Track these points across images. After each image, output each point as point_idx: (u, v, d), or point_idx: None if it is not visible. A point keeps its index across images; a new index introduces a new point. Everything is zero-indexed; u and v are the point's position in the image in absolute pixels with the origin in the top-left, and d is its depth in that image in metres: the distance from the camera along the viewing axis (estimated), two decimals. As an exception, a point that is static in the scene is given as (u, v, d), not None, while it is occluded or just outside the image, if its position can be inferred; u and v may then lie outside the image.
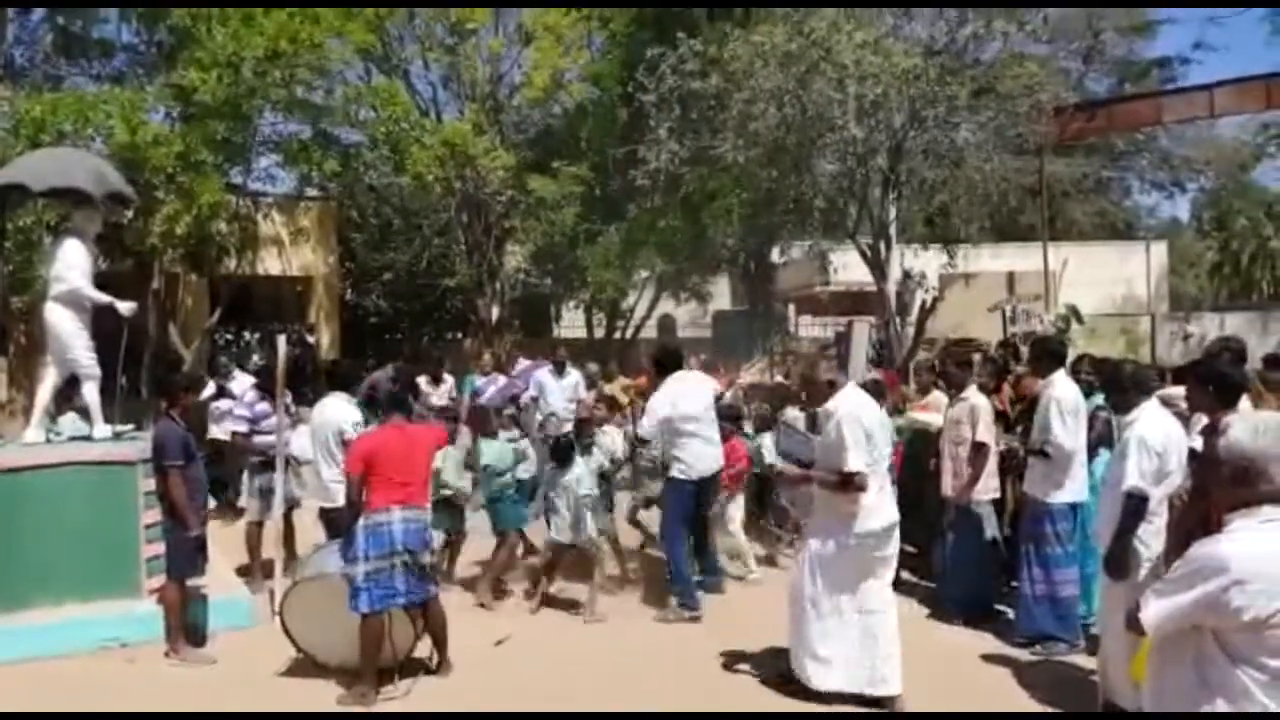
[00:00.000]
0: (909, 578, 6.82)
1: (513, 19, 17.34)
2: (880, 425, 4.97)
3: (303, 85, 14.12)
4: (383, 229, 19.59)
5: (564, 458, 6.73)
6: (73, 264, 6.49)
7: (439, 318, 20.63)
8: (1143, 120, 19.03)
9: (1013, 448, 6.31)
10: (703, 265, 19.43)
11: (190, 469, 5.84)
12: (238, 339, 17.18)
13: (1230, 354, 5.69)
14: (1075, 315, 14.02)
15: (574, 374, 10.88)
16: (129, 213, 10.99)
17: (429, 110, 17.38)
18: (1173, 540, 4.24)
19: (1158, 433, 4.53)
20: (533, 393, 10.52)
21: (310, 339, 17.18)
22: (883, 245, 13.20)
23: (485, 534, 7.18)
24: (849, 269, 16.76)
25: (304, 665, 5.48)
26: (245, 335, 17.26)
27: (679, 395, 6.57)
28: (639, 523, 7.88)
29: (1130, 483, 4.42)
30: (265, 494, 7.12)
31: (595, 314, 19.96)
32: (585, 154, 16.19)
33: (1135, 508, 4.42)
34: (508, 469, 7.02)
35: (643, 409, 7.22)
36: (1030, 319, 13.90)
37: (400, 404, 5.61)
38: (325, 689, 5.20)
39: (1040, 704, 5.00)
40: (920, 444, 7.24)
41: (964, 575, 6.29)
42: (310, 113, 14.76)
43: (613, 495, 7.53)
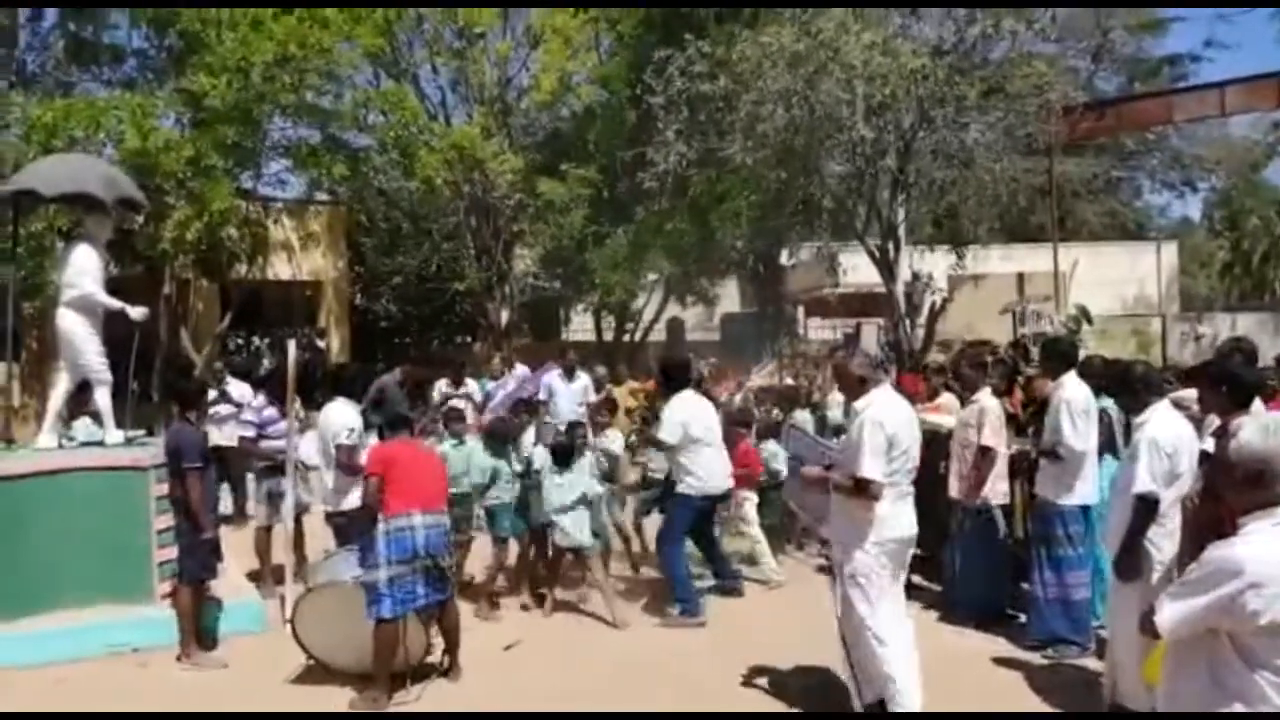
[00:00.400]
0: (919, 581, 6.78)
1: (521, 22, 17.40)
2: (908, 432, 4.62)
3: (312, 90, 14.19)
4: (392, 233, 19.64)
5: (562, 459, 6.74)
6: (84, 269, 6.52)
7: (448, 322, 20.67)
8: (1153, 119, 18.93)
9: (1024, 450, 6.28)
10: (711, 267, 19.41)
11: (206, 472, 5.91)
12: (248, 344, 17.25)
13: (1242, 355, 5.66)
14: (1085, 316, 13.93)
15: (583, 377, 10.88)
16: (140, 218, 11.09)
17: (438, 114, 17.42)
18: (1186, 543, 4.22)
19: (1169, 434, 4.50)
20: (542, 396, 10.52)
21: (320, 343, 17.24)
22: (892, 246, 13.15)
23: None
24: (858, 270, 16.68)
25: (315, 671, 5.49)
26: (255, 340, 17.33)
27: (691, 415, 6.62)
28: (640, 527, 7.86)
29: (1141, 485, 4.39)
30: (273, 499, 7.13)
31: (604, 317, 19.97)
32: (593, 157, 16.21)
33: (1146, 510, 4.39)
34: (482, 483, 6.94)
35: (653, 414, 7.24)
36: (1040, 320, 13.83)
37: (402, 423, 5.66)
38: (336, 694, 5.20)
39: (1052, 708, 4.97)
40: (930, 446, 7.19)
41: (974, 579, 6.27)
42: (319, 117, 14.82)
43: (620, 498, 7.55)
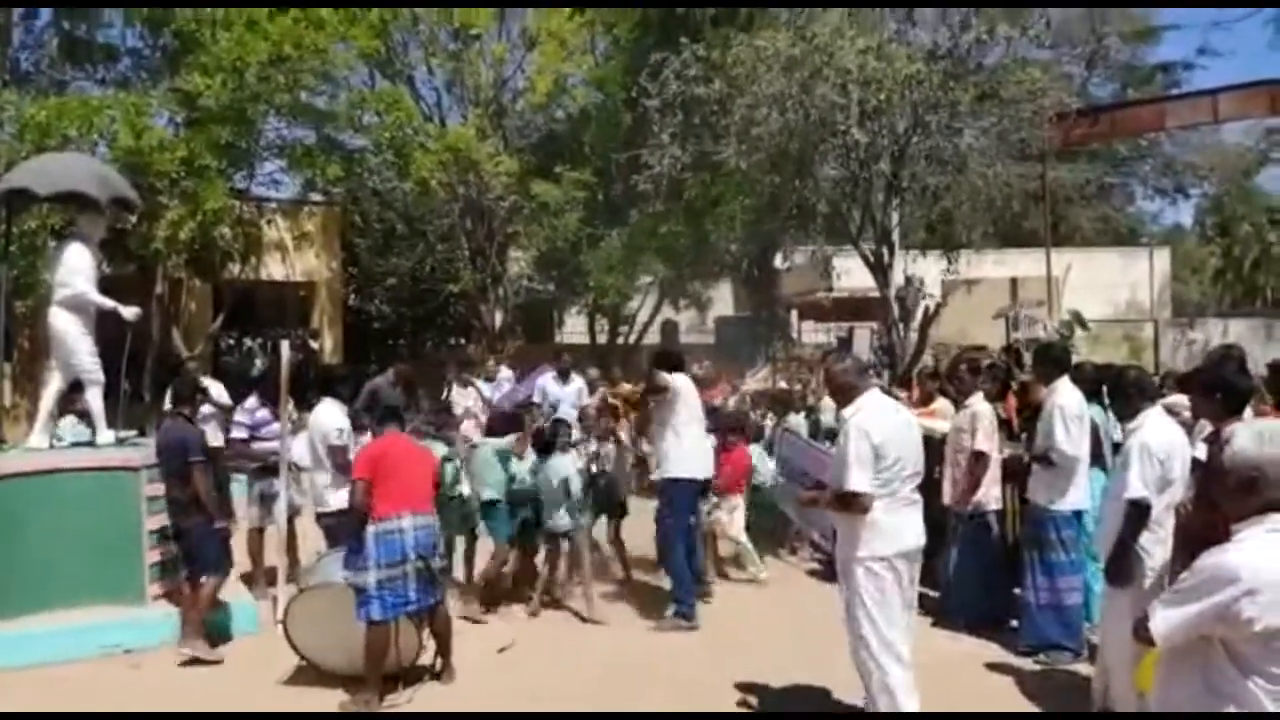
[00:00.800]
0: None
1: (516, 24, 17.40)
2: (902, 438, 4.45)
3: (307, 90, 14.16)
4: (386, 234, 19.60)
5: (544, 449, 6.87)
6: (77, 269, 6.51)
7: (442, 323, 20.63)
8: (1146, 126, 19.03)
9: (1016, 454, 6.30)
10: (705, 270, 19.43)
11: (209, 466, 6.02)
12: (239, 344, 17.19)
13: (1235, 362, 5.68)
14: (1079, 321, 13.99)
15: (578, 380, 10.89)
16: (133, 218, 11.01)
17: (433, 115, 17.41)
18: (1178, 551, 4.23)
19: (1161, 440, 4.51)
20: (536, 399, 10.52)
21: (313, 344, 17.19)
22: (885, 251, 13.18)
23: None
24: (852, 274, 16.70)
25: (307, 672, 5.47)
26: (248, 341, 17.27)
27: (686, 391, 6.63)
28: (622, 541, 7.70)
29: (1133, 492, 4.40)
30: (266, 500, 7.12)
31: (598, 319, 19.96)
32: (588, 159, 16.22)
33: (1138, 516, 4.40)
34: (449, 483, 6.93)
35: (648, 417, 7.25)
36: (1033, 325, 13.88)
37: (393, 416, 5.66)
38: (328, 696, 5.19)
39: (1044, 713, 4.98)
40: (925, 451, 7.20)
41: (968, 584, 6.28)
42: (314, 118, 14.78)
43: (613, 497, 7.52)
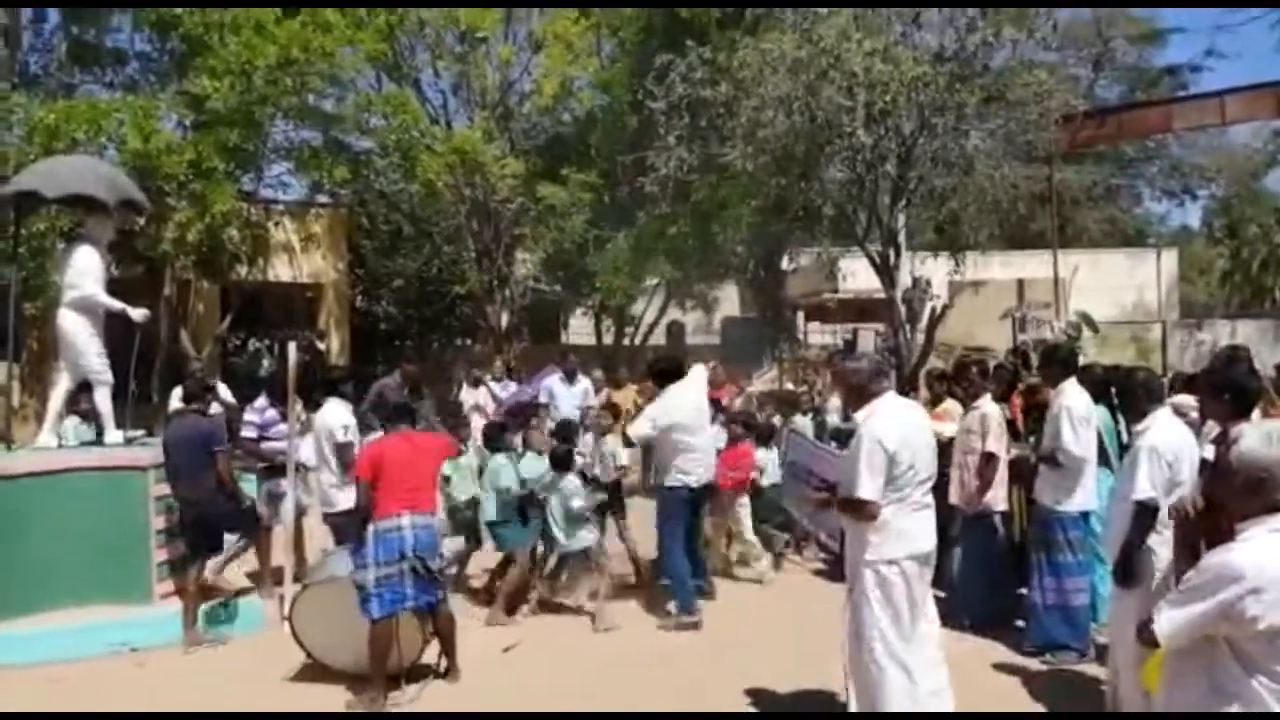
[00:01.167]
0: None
1: (523, 27, 17.43)
2: (916, 441, 4.32)
3: (314, 93, 14.21)
4: (393, 236, 19.66)
5: (561, 464, 6.75)
6: (85, 270, 6.55)
7: (448, 324, 20.67)
8: (1153, 127, 19.00)
9: (1023, 455, 6.29)
10: (711, 272, 19.44)
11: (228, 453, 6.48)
12: (244, 345, 17.24)
13: (1245, 363, 5.66)
14: (1088, 323, 13.93)
15: (584, 381, 10.90)
16: (141, 220, 11.07)
17: (439, 118, 17.45)
18: (1179, 549, 4.21)
19: (1169, 442, 4.50)
20: (543, 400, 10.53)
21: (320, 346, 17.23)
22: (892, 253, 13.18)
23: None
24: (858, 276, 16.73)
25: (313, 670, 5.49)
26: (255, 342, 17.32)
27: (677, 406, 6.58)
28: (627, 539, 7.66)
29: (1141, 493, 4.39)
30: (274, 500, 7.14)
31: (604, 321, 19.98)
32: (595, 161, 16.24)
33: (1146, 517, 4.39)
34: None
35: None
36: (1040, 326, 13.85)
37: (405, 413, 5.67)
38: (334, 694, 5.21)
39: (1050, 713, 4.97)
40: (933, 453, 7.21)
41: (974, 585, 6.27)
42: (321, 120, 14.84)
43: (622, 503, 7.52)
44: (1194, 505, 4.33)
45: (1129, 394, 4.94)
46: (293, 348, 6.97)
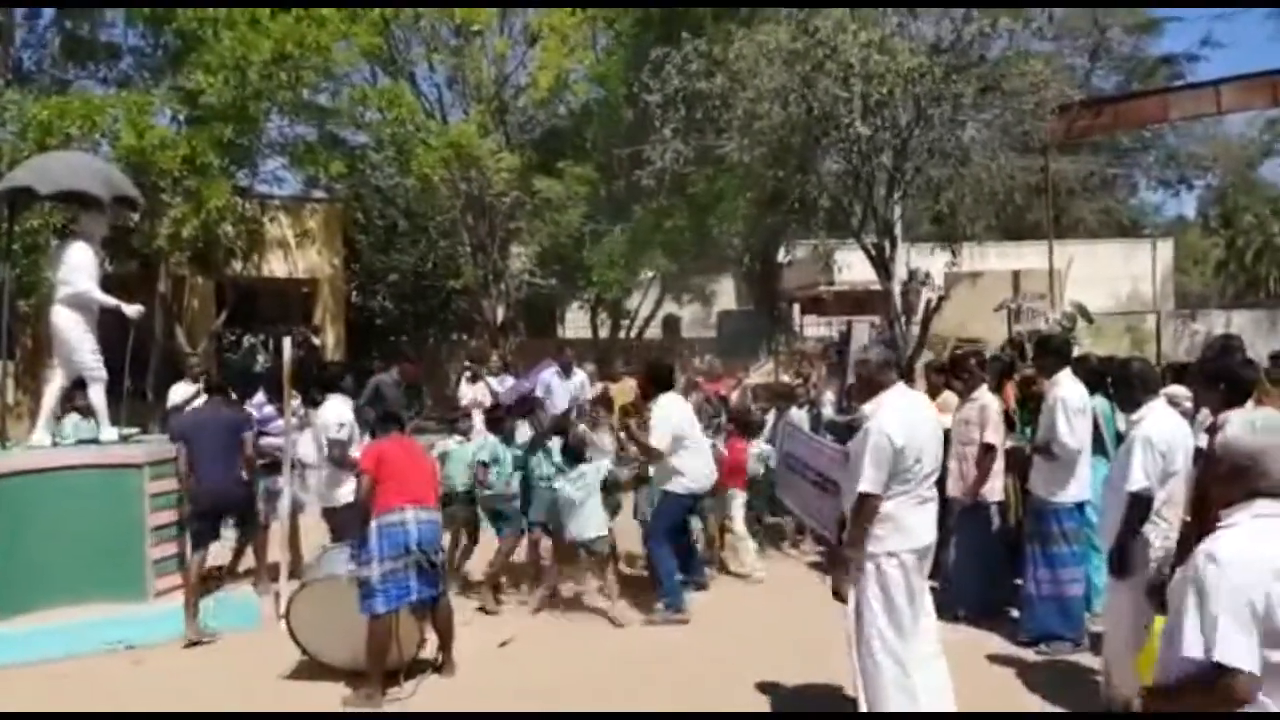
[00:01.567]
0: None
1: (518, 20, 17.39)
2: (923, 434, 4.30)
3: (309, 88, 14.19)
4: (388, 231, 19.64)
5: (573, 455, 6.75)
6: (79, 267, 6.53)
7: (444, 319, 20.67)
8: (1149, 117, 18.95)
9: (1018, 445, 6.30)
10: (708, 265, 19.45)
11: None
12: (239, 340, 17.23)
13: (1239, 353, 5.68)
14: (1084, 314, 13.93)
15: (580, 374, 10.90)
16: (136, 216, 11.04)
17: (434, 112, 17.42)
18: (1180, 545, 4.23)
19: (1164, 432, 4.51)
20: (540, 393, 10.53)
21: (316, 341, 17.22)
22: (888, 244, 13.18)
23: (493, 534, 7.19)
24: (854, 268, 16.72)
25: (310, 667, 5.49)
26: (250, 337, 17.30)
27: (679, 414, 6.66)
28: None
29: (1136, 483, 4.40)
30: (271, 496, 7.14)
31: (600, 314, 19.98)
32: (590, 154, 16.23)
33: (1140, 507, 4.40)
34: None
35: (641, 421, 7.21)
36: (1035, 317, 13.85)
37: (393, 421, 5.70)
38: (331, 690, 5.20)
39: (1045, 703, 4.98)
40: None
41: (969, 575, 6.28)
42: (316, 115, 14.82)
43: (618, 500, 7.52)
44: (1193, 505, 4.35)
45: (1124, 384, 4.94)
46: (288, 343, 6.96)
